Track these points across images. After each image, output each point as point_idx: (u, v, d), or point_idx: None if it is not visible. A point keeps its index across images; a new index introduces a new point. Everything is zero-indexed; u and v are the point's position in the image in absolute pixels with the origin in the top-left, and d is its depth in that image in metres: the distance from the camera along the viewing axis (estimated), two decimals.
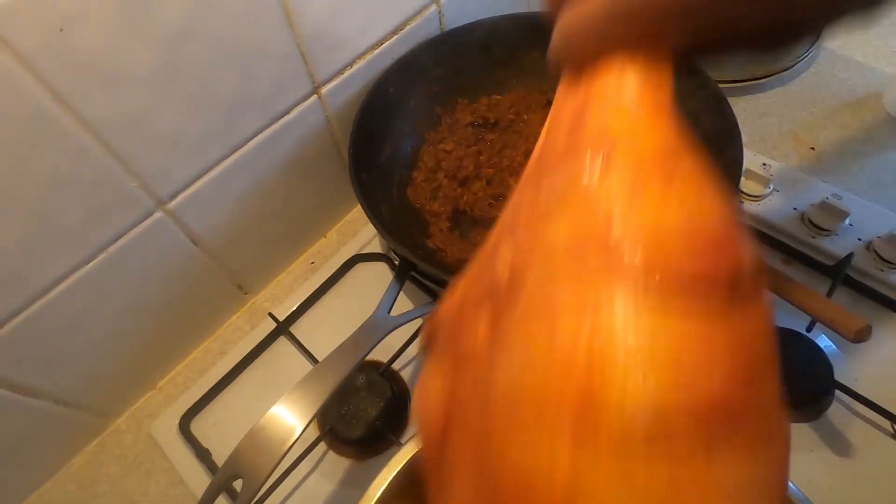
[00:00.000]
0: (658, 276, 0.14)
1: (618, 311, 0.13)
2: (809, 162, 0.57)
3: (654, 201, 0.15)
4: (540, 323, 0.15)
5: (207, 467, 0.44)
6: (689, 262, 0.14)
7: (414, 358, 0.48)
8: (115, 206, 0.37)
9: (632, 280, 0.14)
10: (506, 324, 0.16)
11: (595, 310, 0.14)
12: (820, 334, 0.44)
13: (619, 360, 0.13)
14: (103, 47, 0.31)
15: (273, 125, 0.44)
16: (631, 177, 0.15)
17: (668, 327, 0.13)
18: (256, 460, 0.30)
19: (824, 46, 0.66)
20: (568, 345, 0.14)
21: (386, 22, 0.48)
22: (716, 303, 0.14)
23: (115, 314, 0.42)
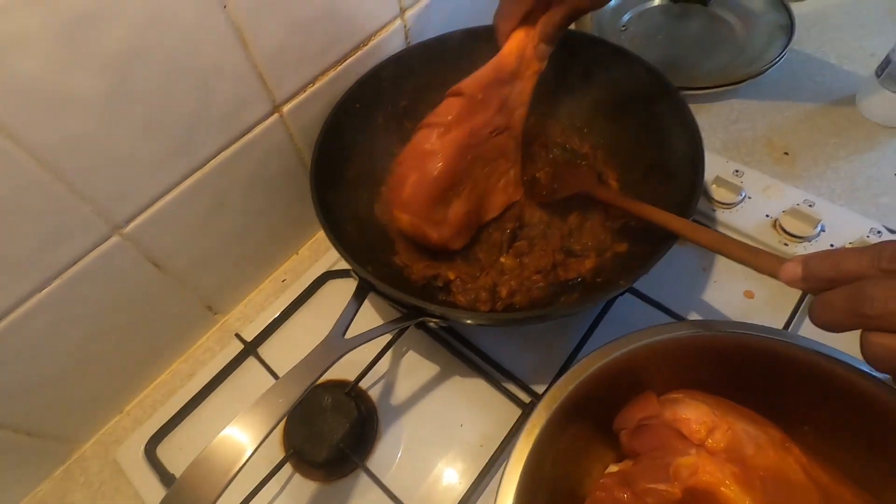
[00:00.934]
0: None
1: None
2: (783, 167, 0.56)
3: None
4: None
5: None
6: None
7: (383, 376, 0.47)
8: (67, 231, 0.36)
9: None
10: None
11: None
12: None
13: None
14: (44, 73, 0.30)
15: (233, 145, 0.44)
16: None
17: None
18: (202, 488, 0.29)
19: (799, 49, 0.66)
20: None
21: (349, 38, 0.48)
22: None
23: (76, 340, 0.42)
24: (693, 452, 0.30)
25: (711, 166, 0.53)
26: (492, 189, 0.46)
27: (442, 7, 0.56)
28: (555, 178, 0.50)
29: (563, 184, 0.49)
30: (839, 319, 0.25)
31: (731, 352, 0.32)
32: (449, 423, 0.44)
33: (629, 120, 0.50)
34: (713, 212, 0.52)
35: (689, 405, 0.32)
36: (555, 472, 0.32)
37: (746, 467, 0.30)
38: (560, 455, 0.32)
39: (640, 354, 0.33)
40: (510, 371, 0.45)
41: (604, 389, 0.33)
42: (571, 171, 0.50)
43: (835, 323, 0.25)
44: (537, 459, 0.30)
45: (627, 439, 0.34)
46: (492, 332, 0.48)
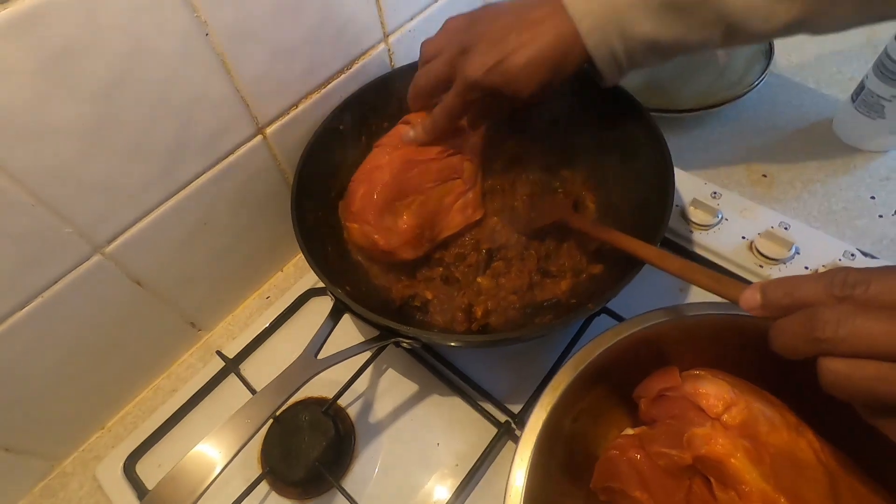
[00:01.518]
0: None
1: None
2: (761, 189, 0.57)
3: None
4: None
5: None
6: None
7: (362, 394, 0.48)
8: (48, 252, 0.37)
9: None
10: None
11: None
12: None
13: None
14: (26, 104, 0.31)
15: (216, 166, 0.45)
16: None
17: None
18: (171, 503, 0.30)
19: (778, 74, 0.67)
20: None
21: (332, 62, 0.50)
22: None
23: (57, 358, 0.42)
24: (708, 425, 0.31)
25: (689, 188, 0.55)
26: (447, 207, 0.48)
27: (425, 31, 0.57)
28: (532, 208, 0.51)
29: (539, 213, 0.50)
30: (793, 344, 0.25)
31: (757, 337, 0.33)
32: (426, 442, 0.45)
33: (605, 143, 0.51)
34: (690, 233, 0.52)
35: (710, 381, 0.33)
36: (574, 428, 0.35)
37: (758, 443, 0.31)
38: (580, 414, 0.35)
39: (667, 330, 0.35)
40: (487, 390, 0.46)
41: (629, 359, 0.35)
42: (548, 201, 0.51)
43: (789, 348, 0.25)
44: (559, 414, 0.33)
45: (646, 407, 0.35)
46: (469, 352, 0.48)
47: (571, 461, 0.35)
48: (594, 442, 0.38)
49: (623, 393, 0.37)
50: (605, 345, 0.35)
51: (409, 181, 0.46)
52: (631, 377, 0.37)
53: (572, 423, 0.35)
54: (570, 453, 0.35)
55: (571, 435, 0.35)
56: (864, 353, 0.22)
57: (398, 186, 0.45)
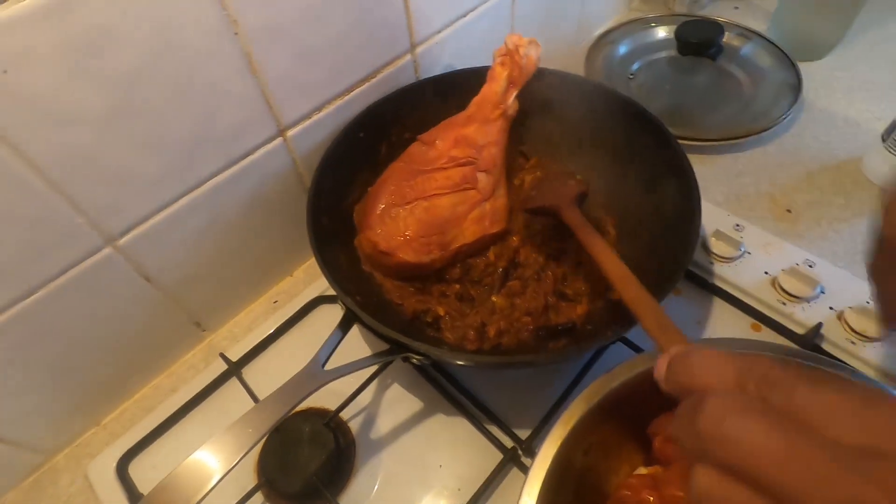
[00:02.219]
0: None
1: None
2: (785, 225, 0.56)
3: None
4: None
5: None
6: None
7: (365, 407, 0.47)
8: (59, 241, 0.36)
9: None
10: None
11: None
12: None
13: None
14: (49, 88, 0.31)
15: (234, 165, 0.44)
16: None
17: None
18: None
19: (805, 108, 0.66)
20: None
21: (358, 69, 0.49)
22: None
23: (59, 349, 0.41)
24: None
25: (712, 219, 0.54)
26: (460, 216, 0.47)
27: (452, 45, 0.57)
28: (535, 186, 0.51)
29: (540, 193, 0.49)
30: (677, 434, 0.19)
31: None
32: (428, 462, 0.43)
33: (629, 167, 0.50)
34: (711, 265, 0.51)
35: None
36: (585, 462, 0.34)
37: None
38: (591, 447, 0.34)
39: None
40: (494, 413, 0.44)
41: (644, 392, 0.33)
42: (554, 183, 0.50)
43: (675, 437, 0.19)
44: (570, 447, 0.32)
45: (661, 444, 0.34)
46: (478, 372, 0.47)
47: (581, 497, 0.34)
48: (605, 477, 0.36)
49: (636, 427, 0.36)
50: (620, 378, 0.33)
51: (412, 187, 0.47)
52: (645, 411, 0.35)
53: (583, 456, 0.34)
54: (580, 488, 0.34)
55: (582, 469, 0.34)
56: (741, 470, 0.16)
57: (400, 192, 0.47)
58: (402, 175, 0.48)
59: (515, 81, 0.50)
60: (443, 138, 0.49)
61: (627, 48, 0.74)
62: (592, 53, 0.73)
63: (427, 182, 0.47)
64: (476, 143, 0.49)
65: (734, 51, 0.71)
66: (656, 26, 0.76)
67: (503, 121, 0.50)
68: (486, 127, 0.49)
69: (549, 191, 0.49)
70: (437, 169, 0.48)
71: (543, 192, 0.49)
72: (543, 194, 0.49)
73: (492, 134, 0.49)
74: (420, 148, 0.50)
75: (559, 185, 0.49)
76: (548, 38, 0.73)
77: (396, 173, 0.49)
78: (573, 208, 0.45)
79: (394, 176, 0.49)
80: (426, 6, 0.51)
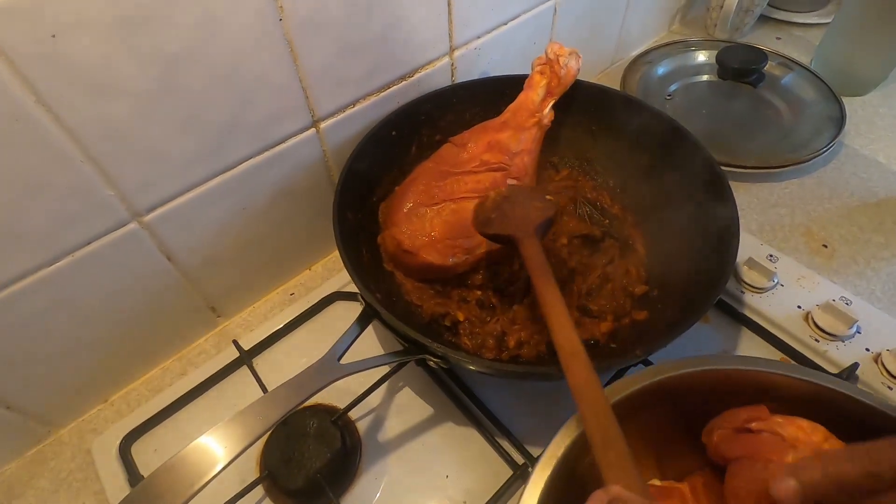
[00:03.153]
0: None
1: None
2: (821, 259, 0.54)
3: None
4: None
5: None
6: None
7: (374, 409, 0.45)
8: (88, 211, 0.36)
9: None
10: None
11: None
12: None
13: None
14: (95, 58, 0.31)
15: (266, 152, 0.44)
16: None
17: None
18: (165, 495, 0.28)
19: (846, 143, 0.64)
20: None
21: (396, 67, 0.49)
22: None
23: (75, 321, 0.41)
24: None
25: (745, 247, 0.52)
26: None
27: (490, 52, 0.56)
28: (496, 206, 0.43)
29: (500, 215, 0.41)
30: None
31: (796, 399, 0.31)
32: (434, 471, 0.42)
33: (664, 187, 0.49)
34: (742, 294, 0.49)
35: (798, 421, 0.30)
36: (591, 473, 0.30)
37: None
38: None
39: (701, 379, 0.32)
40: (507, 427, 0.43)
41: (654, 405, 0.32)
42: (516, 207, 0.42)
43: None
44: (574, 455, 0.29)
45: (722, 440, 0.32)
46: (493, 382, 0.46)
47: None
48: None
49: (645, 442, 0.34)
50: (629, 388, 0.32)
51: (441, 188, 0.47)
52: (653, 423, 0.34)
53: (589, 467, 0.32)
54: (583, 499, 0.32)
55: (586, 479, 0.32)
56: None
57: (428, 193, 0.47)
58: (432, 175, 0.48)
59: (553, 91, 0.50)
60: (475, 142, 0.49)
61: (666, 69, 0.73)
62: (629, 72, 0.72)
63: (456, 184, 0.47)
64: (509, 149, 0.48)
65: (775, 80, 0.70)
66: (696, 50, 0.75)
67: (537, 130, 0.50)
68: (521, 134, 0.49)
69: (510, 214, 0.41)
70: (468, 172, 0.47)
71: (503, 216, 0.41)
72: (503, 218, 0.41)
73: (525, 142, 0.49)
74: (452, 149, 0.50)
75: (521, 209, 0.41)
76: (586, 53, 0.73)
77: (426, 173, 0.48)
78: (532, 242, 0.38)
79: (423, 175, 0.48)
80: (469, 11, 0.51)
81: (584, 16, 0.66)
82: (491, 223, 0.41)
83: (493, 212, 0.42)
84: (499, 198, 0.43)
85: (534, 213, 0.40)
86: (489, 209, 0.43)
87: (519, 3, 0.56)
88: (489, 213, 0.42)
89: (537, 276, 0.35)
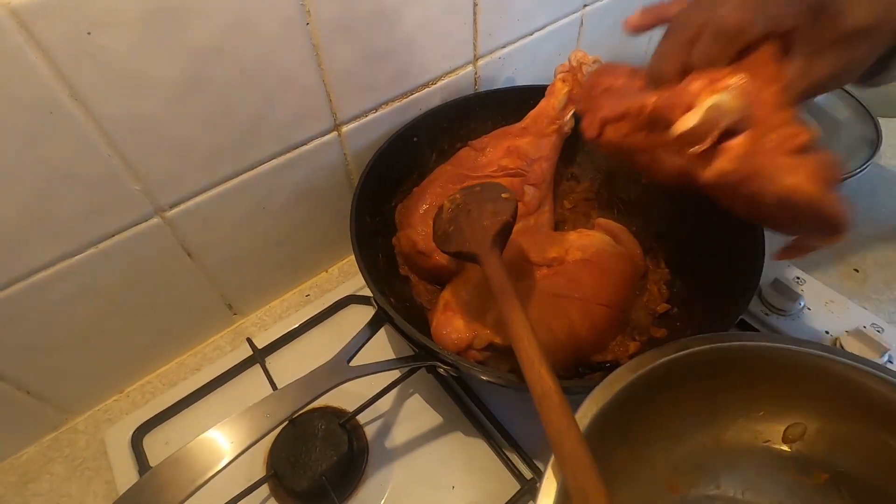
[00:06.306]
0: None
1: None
2: (851, 284, 0.52)
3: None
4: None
5: None
6: None
7: (382, 414, 0.45)
8: (113, 204, 0.37)
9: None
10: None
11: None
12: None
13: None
14: (128, 54, 0.32)
15: (287, 153, 0.44)
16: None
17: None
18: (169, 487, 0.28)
19: (881, 165, 0.62)
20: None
21: (419, 74, 0.49)
22: None
23: (95, 311, 0.42)
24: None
25: (770, 267, 0.50)
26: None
27: (514, 61, 0.56)
28: (452, 217, 0.38)
29: (456, 229, 0.37)
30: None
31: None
32: (441, 481, 0.41)
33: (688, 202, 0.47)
34: (766, 315, 0.48)
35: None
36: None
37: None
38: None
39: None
40: (516, 440, 0.42)
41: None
42: (472, 214, 0.38)
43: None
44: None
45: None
46: (504, 393, 0.45)
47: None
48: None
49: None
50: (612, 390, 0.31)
51: (452, 189, 0.46)
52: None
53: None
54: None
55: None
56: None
57: (444, 194, 0.46)
58: (450, 178, 0.48)
59: (575, 99, 0.49)
60: (494, 146, 0.49)
61: None
62: None
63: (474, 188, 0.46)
64: (528, 155, 0.48)
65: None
66: None
67: (557, 137, 0.49)
68: (540, 141, 0.49)
69: (465, 227, 0.37)
70: (486, 176, 0.47)
71: (460, 229, 0.37)
72: (459, 232, 0.37)
73: (544, 148, 0.49)
74: (470, 153, 0.50)
75: (476, 218, 0.37)
76: None
77: (444, 175, 0.49)
78: (491, 260, 0.34)
79: (441, 178, 0.48)
80: (494, 20, 0.51)
81: (612, 27, 0.65)
82: (449, 239, 0.37)
83: (449, 224, 0.38)
84: (454, 207, 0.39)
85: (488, 220, 0.36)
86: (445, 222, 0.39)
87: (545, 15, 0.56)
88: (446, 226, 0.38)
89: (500, 300, 0.31)
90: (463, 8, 0.48)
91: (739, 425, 0.35)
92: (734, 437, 0.35)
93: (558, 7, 0.57)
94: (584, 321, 0.40)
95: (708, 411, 0.35)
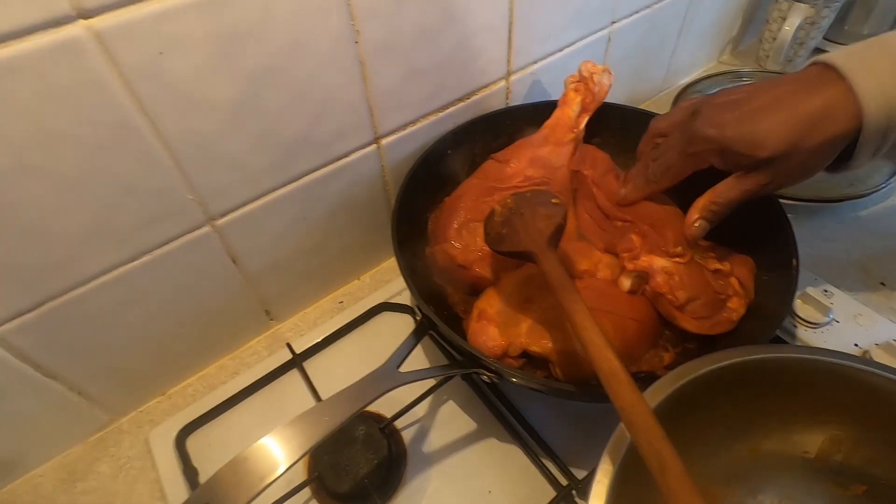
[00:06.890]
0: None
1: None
2: (879, 298, 0.52)
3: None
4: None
5: (191, 487, 0.43)
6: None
7: (420, 419, 0.46)
8: (169, 213, 0.39)
9: None
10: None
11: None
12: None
13: None
14: (194, 74, 0.34)
15: (329, 165, 0.46)
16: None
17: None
18: (231, 491, 0.29)
19: None
20: None
21: (455, 89, 0.51)
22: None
23: (145, 315, 0.44)
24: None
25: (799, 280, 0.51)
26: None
27: (544, 77, 0.58)
28: (505, 220, 0.41)
29: (511, 231, 0.40)
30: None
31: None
32: (477, 486, 0.42)
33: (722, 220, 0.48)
34: (795, 328, 0.48)
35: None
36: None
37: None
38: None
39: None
40: (550, 447, 0.43)
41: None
42: (525, 216, 0.41)
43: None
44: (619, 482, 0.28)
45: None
46: (540, 400, 0.46)
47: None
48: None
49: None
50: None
51: (489, 204, 0.47)
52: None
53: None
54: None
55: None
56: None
57: (477, 208, 0.47)
58: (478, 191, 0.49)
59: (588, 107, 0.51)
60: (518, 158, 0.50)
61: None
62: (678, 101, 0.72)
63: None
64: (551, 164, 0.50)
65: None
66: (748, 80, 0.75)
67: (574, 145, 0.51)
68: (561, 149, 0.50)
69: (520, 228, 0.40)
70: (513, 187, 0.48)
71: (514, 230, 0.40)
72: (514, 233, 0.40)
73: (565, 156, 0.50)
74: (495, 165, 0.51)
75: (530, 220, 0.40)
76: (636, 81, 0.74)
77: (472, 189, 0.50)
78: (548, 257, 0.36)
79: (470, 191, 0.49)
80: (527, 37, 0.53)
81: (637, 44, 0.67)
82: (503, 240, 0.41)
83: (502, 227, 0.42)
84: (506, 210, 0.43)
85: (542, 222, 0.39)
86: (498, 224, 0.42)
87: (575, 32, 0.58)
88: (499, 228, 0.42)
89: (561, 293, 0.33)
90: (499, 26, 0.49)
91: (776, 436, 0.36)
92: (771, 449, 0.36)
93: (589, 24, 0.58)
94: (616, 334, 0.41)
95: (744, 422, 0.35)
